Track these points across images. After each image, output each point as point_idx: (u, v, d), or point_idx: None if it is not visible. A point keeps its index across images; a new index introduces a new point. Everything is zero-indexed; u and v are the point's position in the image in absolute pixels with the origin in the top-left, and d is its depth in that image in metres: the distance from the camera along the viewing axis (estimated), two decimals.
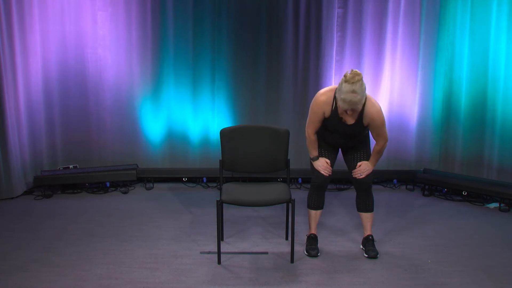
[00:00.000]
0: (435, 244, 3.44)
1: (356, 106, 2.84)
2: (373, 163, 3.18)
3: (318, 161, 3.19)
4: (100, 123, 4.93)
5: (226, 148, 3.35)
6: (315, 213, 3.29)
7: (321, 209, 3.29)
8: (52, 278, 2.85)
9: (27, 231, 3.62)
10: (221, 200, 3.04)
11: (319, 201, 3.26)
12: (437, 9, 4.84)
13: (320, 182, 3.19)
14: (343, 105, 2.85)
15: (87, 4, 4.73)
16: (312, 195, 3.26)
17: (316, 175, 3.20)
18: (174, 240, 3.45)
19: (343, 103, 2.83)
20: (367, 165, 3.16)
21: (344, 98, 2.80)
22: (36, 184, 4.55)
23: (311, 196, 3.27)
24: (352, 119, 3.01)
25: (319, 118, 3.07)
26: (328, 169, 3.17)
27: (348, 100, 2.80)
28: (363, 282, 2.85)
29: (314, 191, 3.24)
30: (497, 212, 4.21)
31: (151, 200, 4.47)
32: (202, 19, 4.85)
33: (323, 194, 3.27)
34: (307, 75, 4.96)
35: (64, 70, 4.77)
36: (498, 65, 4.54)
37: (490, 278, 2.92)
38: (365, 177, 3.16)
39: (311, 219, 3.31)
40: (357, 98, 2.79)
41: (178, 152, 5.06)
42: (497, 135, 4.59)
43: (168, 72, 4.92)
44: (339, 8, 4.85)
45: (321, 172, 3.15)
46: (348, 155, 3.24)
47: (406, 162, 5.08)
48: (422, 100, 5.00)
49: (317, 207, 3.27)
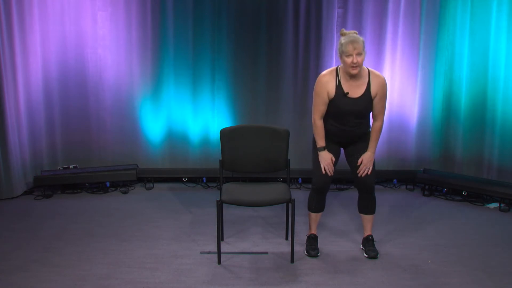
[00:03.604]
0: (435, 244, 3.44)
1: (359, 45, 2.83)
2: (373, 148, 3.10)
3: (324, 153, 3.09)
4: (100, 123, 4.93)
5: (226, 148, 3.35)
6: (316, 215, 3.28)
7: (321, 211, 3.28)
8: (52, 278, 2.85)
9: (27, 231, 3.62)
10: (221, 200, 3.04)
11: (320, 204, 3.24)
12: (437, 9, 4.84)
13: (321, 186, 3.15)
14: (347, 48, 2.83)
15: (87, 4, 4.73)
16: (312, 198, 3.23)
17: (317, 178, 3.15)
18: (174, 240, 3.45)
19: (347, 45, 2.83)
20: (369, 157, 3.09)
21: (346, 41, 2.84)
22: (36, 184, 4.55)
23: (312, 199, 3.24)
24: (358, 90, 2.95)
25: (323, 100, 2.99)
26: (331, 168, 3.10)
27: (351, 39, 2.83)
28: (363, 282, 2.85)
29: (315, 194, 3.21)
30: (497, 212, 4.21)
31: (151, 200, 4.47)
32: (202, 19, 4.85)
33: (324, 197, 3.25)
34: (307, 75, 4.96)
35: (64, 70, 4.77)
36: (498, 65, 4.54)
37: (490, 278, 2.92)
38: (368, 179, 3.13)
39: (311, 220, 3.30)
40: (359, 37, 2.85)
41: (178, 152, 5.06)
42: (497, 135, 4.59)
43: (168, 72, 4.92)
44: (339, 8, 4.85)
45: (322, 171, 3.08)
46: (351, 157, 3.17)
47: (406, 162, 5.08)
48: (422, 100, 5.00)
49: (317, 210, 3.26)
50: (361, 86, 2.96)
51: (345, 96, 2.96)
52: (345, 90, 2.96)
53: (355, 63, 2.85)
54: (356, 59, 2.84)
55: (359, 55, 2.85)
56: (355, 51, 2.83)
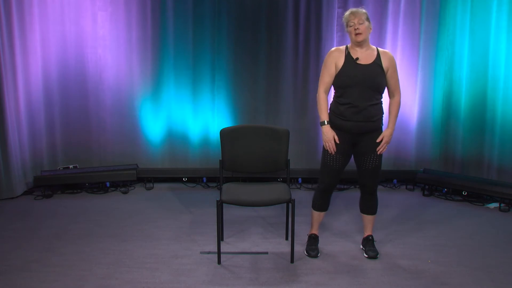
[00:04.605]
0: (435, 244, 3.44)
1: (360, 15, 2.94)
2: (393, 124, 3.08)
3: (326, 128, 3.03)
4: (100, 123, 4.93)
5: (226, 148, 3.35)
6: (319, 214, 3.28)
7: (325, 211, 3.28)
8: (52, 278, 2.85)
9: (27, 231, 3.62)
10: (221, 200, 3.04)
11: (325, 203, 3.25)
12: (437, 9, 4.85)
13: (327, 185, 3.16)
14: (349, 18, 2.96)
15: (87, 4, 4.73)
16: (317, 197, 3.24)
17: (324, 178, 3.15)
18: (174, 240, 3.45)
19: (348, 16, 2.97)
20: (389, 134, 3.07)
21: (347, 13, 2.99)
22: (36, 184, 4.55)
23: (317, 197, 3.24)
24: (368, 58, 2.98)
25: (330, 72, 3.01)
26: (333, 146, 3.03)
27: (352, 10, 2.97)
28: (363, 282, 2.85)
29: (321, 193, 3.21)
30: (497, 212, 4.21)
31: (151, 200, 4.47)
32: (202, 19, 4.85)
33: (329, 197, 3.25)
34: (307, 75, 4.96)
35: (64, 70, 4.77)
36: (498, 65, 4.54)
37: (490, 278, 2.92)
38: (373, 180, 3.13)
39: (313, 219, 3.30)
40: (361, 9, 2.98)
41: (178, 152, 5.06)
42: (497, 135, 4.59)
43: (168, 72, 4.92)
44: (339, 8, 4.85)
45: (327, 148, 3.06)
46: (361, 157, 3.11)
47: (406, 162, 5.09)
48: (422, 100, 5.00)
49: (321, 209, 3.26)
50: (370, 55, 3.00)
51: (356, 63, 2.97)
52: (354, 58, 2.99)
53: (357, 29, 2.94)
54: (358, 26, 2.94)
55: (361, 24, 2.95)
56: (356, 19, 2.94)
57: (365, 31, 2.95)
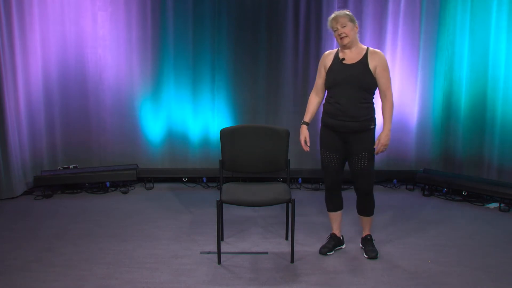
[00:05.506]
0: (435, 244, 3.44)
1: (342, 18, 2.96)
2: (388, 125, 3.03)
3: (301, 128, 3.20)
4: (100, 123, 4.93)
5: (226, 148, 3.35)
6: (334, 214, 3.32)
7: (339, 210, 3.31)
8: (52, 278, 2.85)
9: (27, 231, 3.62)
10: (221, 200, 3.04)
11: (336, 202, 3.28)
12: (437, 9, 4.85)
13: (329, 184, 3.22)
14: (331, 24, 3.01)
15: (87, 4, 4.73)
16: (326, 198, 3.30)
17: (325, 178, 3.23)
18: (174, 240, 3.45)
19: (331, 22, 3.01)
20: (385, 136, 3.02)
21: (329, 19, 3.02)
22: (36, 184, 4.55)
23: (326, 199, 3.31)
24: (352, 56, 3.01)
25: (320, 74, 3.15)
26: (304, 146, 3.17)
27: (333, 16, 3.00)
28: (363, 282, 2.85)
29: (328, 193, 3.27)
30: (497, 212, 4.21)
31: (151, 200, 4.47)
32: (202, 19, 4.85)
33: (339, 194, 3.28)
34: (307, 75, 4.96)
35: (64, 70, 4.77)
36: (498, 65, 4.54)
37: (490, 278, 2.92)
38: (364, 183, 3.14)
39: (330, 220, 3.35)
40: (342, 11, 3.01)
41: (178, 152, 5.06)
42: (497, 135, 4.59)
43: (168, 72, 4.92)
44: (339, 8, 4.84)
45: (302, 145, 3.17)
46: (351, 157, 3.13)
47: (406, 162, 5.08)
48: (422, 100, 5.00)
49: (334, 209, 3.30)
50: (358, 54, 3.04)
51: (341, 63, 3.03)
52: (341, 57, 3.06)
53: (341, 34, 2.99)
54: (341, 30, 2.98)
55: (344, 27, 2.98)
56: (338, 24, 2.99)
57: (350, 33, 2.99)
